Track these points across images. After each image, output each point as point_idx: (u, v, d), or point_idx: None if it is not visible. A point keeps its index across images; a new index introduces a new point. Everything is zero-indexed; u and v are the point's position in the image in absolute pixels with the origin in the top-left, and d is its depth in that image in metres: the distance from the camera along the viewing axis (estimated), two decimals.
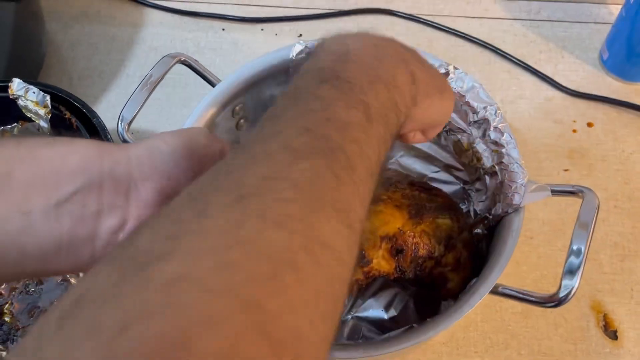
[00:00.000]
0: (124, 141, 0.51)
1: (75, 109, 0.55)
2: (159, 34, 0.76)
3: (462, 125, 0.53)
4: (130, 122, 0.51)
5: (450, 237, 0.51)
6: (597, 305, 0.57)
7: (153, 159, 0.30)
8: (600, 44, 0.71)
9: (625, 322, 0.56)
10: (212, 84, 0.55)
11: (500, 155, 0.50)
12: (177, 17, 0.78)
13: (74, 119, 0.54)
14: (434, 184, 0.59)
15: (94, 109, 0.71)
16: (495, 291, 0.45)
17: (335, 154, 0.25)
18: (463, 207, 0.57)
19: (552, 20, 0.75)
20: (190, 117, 0.52)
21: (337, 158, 0.25)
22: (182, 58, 0.54)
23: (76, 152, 0.29)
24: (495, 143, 0.50)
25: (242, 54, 0.75)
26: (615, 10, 0.72)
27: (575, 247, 0.42)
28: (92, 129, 0.54)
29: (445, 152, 0.58)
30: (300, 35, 0.76)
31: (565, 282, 0.42)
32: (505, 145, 0.49)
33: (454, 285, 0.52)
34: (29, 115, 0.55)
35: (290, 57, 0.53)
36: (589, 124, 0.67)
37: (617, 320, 0.57)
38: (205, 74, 0.56)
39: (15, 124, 0.57)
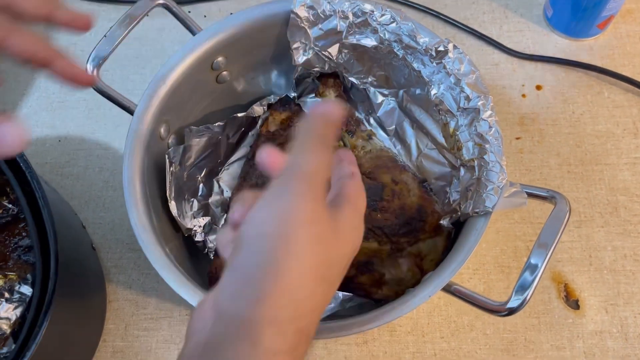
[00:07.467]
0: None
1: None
2: None
3: (453, 108, 0.49)
4: (103, 61, 0.49)
5: (370, 263, 0.50)
6: (557, 276, 0.57)
7: None
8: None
9: (586, 290, 0.56)
10: (193, 33, 0.52)
11: (482, 150, 0.46)
12: (95, 4, 0.72)
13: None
14: (426, 162, 0.56)
15: (15, 115, 0.66)
16: (447, 290, 0.43)
17: None
18: (447, 188, 0.53)
19: None
20: (164, 66, 0.51)
21: None
22: (162, 1, 0.51)
23: None
24: (481, 136, 0.47)
25: (169, 41, 0.70)
26: None
27: (532, 261, 0.40)
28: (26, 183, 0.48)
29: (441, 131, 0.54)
30: (231, 14, 0.70)
31: (516, 296, 0.40)
32: (491, 141, 0.46)
33: (387, 293, 0.50)
34: None
35: (292, 8, 0.51)
36: (538, 87, 0.65)
37: (578, 289, 0.56)
38: (187, 21, 0.53)
39: None
